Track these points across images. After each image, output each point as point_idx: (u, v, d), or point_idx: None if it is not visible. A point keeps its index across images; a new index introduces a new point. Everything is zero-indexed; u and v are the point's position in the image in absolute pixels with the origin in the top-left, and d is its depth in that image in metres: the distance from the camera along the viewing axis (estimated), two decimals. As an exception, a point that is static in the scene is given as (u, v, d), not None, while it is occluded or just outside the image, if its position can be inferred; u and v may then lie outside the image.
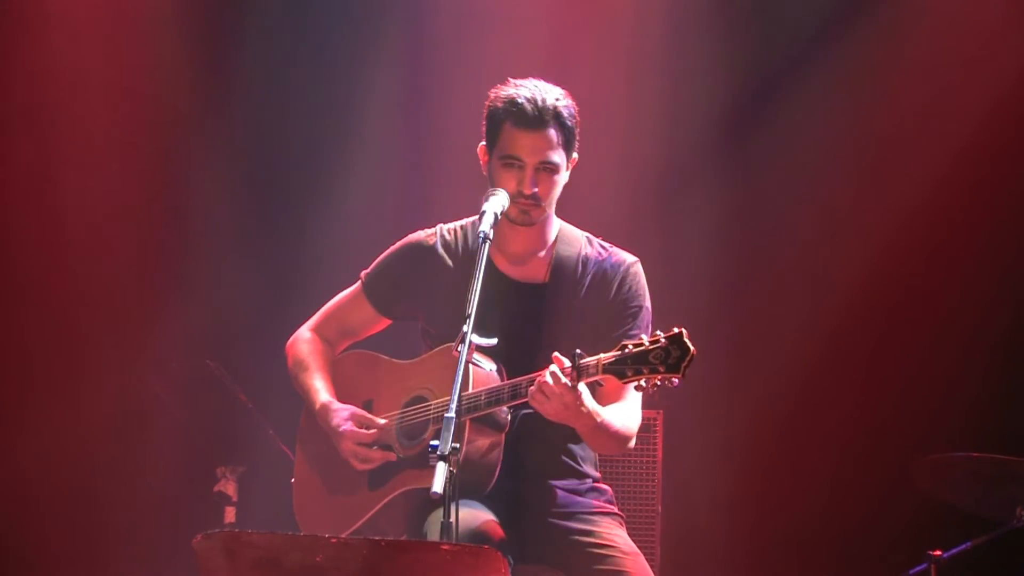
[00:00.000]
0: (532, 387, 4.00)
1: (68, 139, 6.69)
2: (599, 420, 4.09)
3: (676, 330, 3.91)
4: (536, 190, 4.25)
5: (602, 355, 3.95)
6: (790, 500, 6.50)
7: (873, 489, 6.43)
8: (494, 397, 4.12)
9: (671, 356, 3.88)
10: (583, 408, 4.01)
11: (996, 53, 6.36)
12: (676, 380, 3.88)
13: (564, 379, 3.95)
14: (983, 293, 6.44)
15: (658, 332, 3.93)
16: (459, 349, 3.83)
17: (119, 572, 6.51)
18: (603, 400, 4.17)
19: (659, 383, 3.89)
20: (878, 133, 6.53)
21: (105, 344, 6.69)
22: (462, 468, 3.74)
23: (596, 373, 3.95)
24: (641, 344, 3.92)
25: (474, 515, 4.14)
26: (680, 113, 6.63)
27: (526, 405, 4.09)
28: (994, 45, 6.36)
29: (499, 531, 4.17)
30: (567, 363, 3.97)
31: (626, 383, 3.93)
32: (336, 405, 4.48)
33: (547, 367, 4.01)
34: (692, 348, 3.88)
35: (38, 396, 6.64)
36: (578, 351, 3.97)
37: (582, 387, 3.98)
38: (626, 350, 3.92)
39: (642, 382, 3.90)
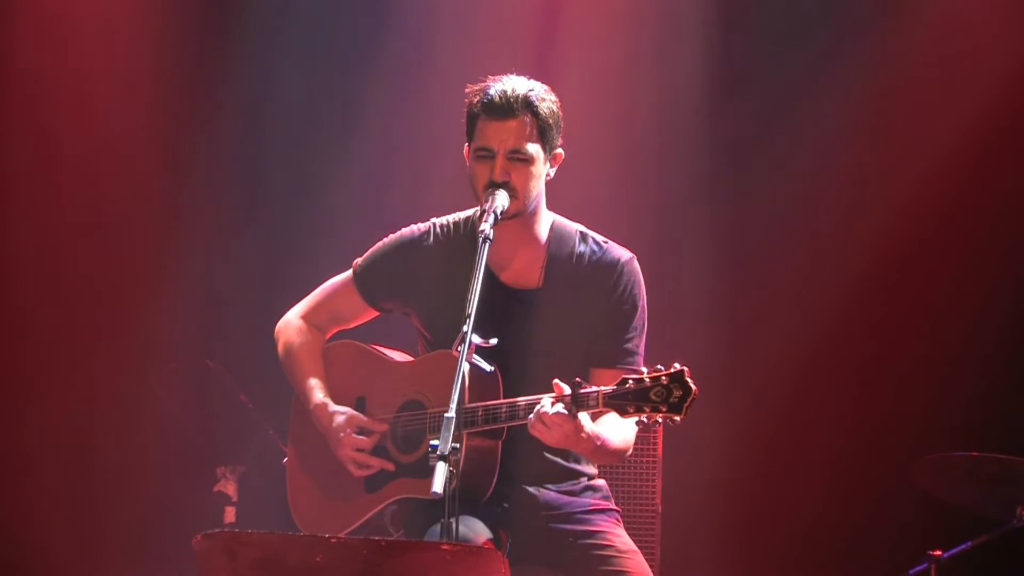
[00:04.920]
0: (532, 416, 3.99)
1: (67, 137, 6.69)
2: (599, 443, 4.08)
3: (677, 367, 3.90)
4: (508, 179, 4.20)
5: (602, 387, 3.94)
6: (790, 499, 6.49)
7: (873, 489, 6.42)
8: (491, 415, 4.11)
9: (672, 395, 3.87)
10: (583, 434, 4.00)
11: (994, 52, 6.36)
12: (678, 419, 3.88)
13: (563, 410, 3.95)
14: (982, 292, 6.44)
15: (659, 367, 3.92)
16: (459, 349, 3.83)
17: (119, 572, 6.51)
18: (600, 412, 4.14)
19: (660, 421, 3.89)
20: (874, 132, 6.52)
21: (104, 344, 6.69)
22: (460, 477, 3.74)
23: (596, 405, 3.94)
24: (642, 379, 3.90)
25: (473, 535, 4.13)
26: (677, 110, 6.63)
27: None
28: (992, 44, 6.36)
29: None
30: (567, 390, 3.96)
31: (626, 418, 3.94)
32: (332, 407, 4.46)
33: (546, 385, 4.00)
34: (694, 388, 3.87)
35: (38, 396, 6.63)
36: (577, 379, 3.97)
37: (582, 414, 3.97)
38: (627, 384, 3.91)
39: (643, 418, 3.90)
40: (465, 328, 3.84)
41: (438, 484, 3.58)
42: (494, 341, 3.97)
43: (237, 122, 6.75)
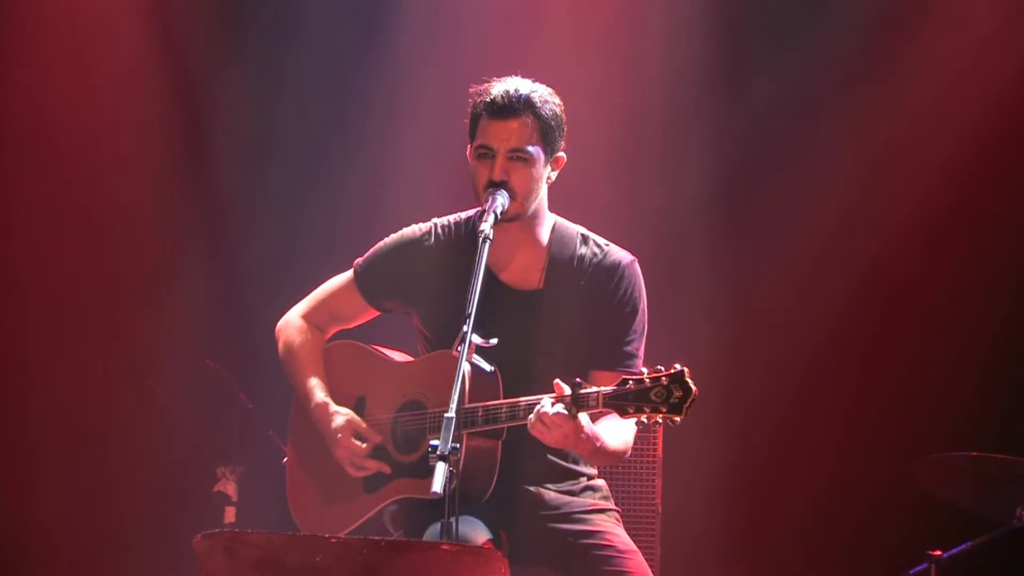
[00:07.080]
0: (532, 416, 3.99)
1: (68, 137, 6.69)
2: (598, 444, 4.08)
3: (677, 368, 3.89)
4: (507, 179, 4.20)
5: (602, 388, 3.94)
6: (790, 499, 6.50)
7: (873, 489, 6.43)
8: (491, 415, 4.11)
9: (673, 396, 3.87)
10: (583, 435, 4.00)
11: (996, 53, 6.36)
12: (678, 419, 3.88)
13: (563, 410, 3.95)
14: (983, 292, 6.44)
15: (659, 368, 3.92)
16: (459, 349, 3.83)
17: (119, 572, 6.51)
18: (600, 413, 4.14)
19: (660, 421, 3.89)
20: (874, 134, 6.53)
21: (105, 344, 6.69)
22: (460, 477, 3.74)
23: (596, 405, 3.94)
24: (642, 379, 3.90)
25: (473, 535, 4.14)
26: (680, 112, 6.63)
27: None
28: (993, 44, 6.36)
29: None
30: (567, 390, 3.96)
31: (626, 418, 3.94)
32: (332, 408, 4.45)
33: (546, 386, 4.00)
34: (694, 389, 3.87)
35: (38, 396, 6.64)
36: (578, 380, 3.97)
37: (582, 414, 3.97)
38: (627, 385, 3.91)
39: (643, 419, 3.90)
40: (465, 328, 3.84)
41: (438, 484, 3.58)
42: (494, 341, 3.97)
43: (238, 122, 6.76)
